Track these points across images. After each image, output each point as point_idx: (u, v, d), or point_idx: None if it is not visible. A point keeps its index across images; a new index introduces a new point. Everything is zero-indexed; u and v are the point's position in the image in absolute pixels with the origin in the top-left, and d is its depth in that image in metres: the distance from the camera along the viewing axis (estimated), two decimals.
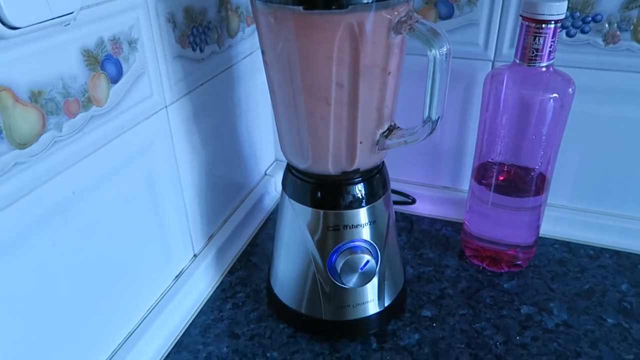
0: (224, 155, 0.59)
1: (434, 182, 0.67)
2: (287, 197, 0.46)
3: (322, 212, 0.44)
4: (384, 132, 0.41)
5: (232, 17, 0.55)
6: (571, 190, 0.60)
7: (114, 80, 0.39)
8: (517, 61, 0.47)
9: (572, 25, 0.51)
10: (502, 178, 0.54)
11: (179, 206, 0.51)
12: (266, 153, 0.71)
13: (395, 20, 0.35)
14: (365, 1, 0.34)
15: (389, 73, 0.38)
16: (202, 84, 0.51)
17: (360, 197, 0.44)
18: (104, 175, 0.39)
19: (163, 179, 0.47)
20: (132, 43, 0.40)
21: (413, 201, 0.67)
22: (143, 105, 0.43)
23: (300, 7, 0.34)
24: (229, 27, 0.55)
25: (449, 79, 0.36)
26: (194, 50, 0.49)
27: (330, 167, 0.42)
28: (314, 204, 0.44)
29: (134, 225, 0.44)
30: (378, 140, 0.41)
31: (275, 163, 0.74)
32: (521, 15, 0.45)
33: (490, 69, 0.57)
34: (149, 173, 0.45)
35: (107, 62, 0.38)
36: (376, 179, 0.45)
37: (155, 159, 0.46)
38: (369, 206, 0.44)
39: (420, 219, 0.66)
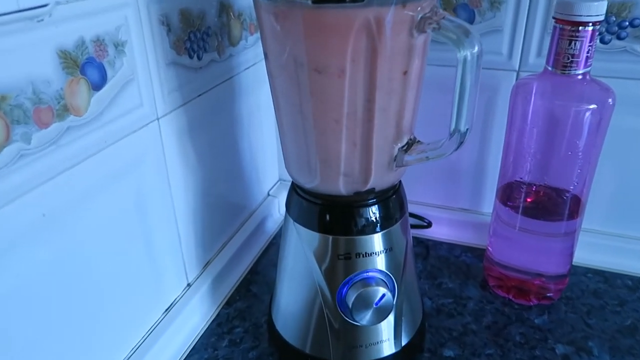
0: (222, 174, 0.54)
1: (451, 203, 0.62)
2: (291, 221, 0.41)
3: (331, 237, 0.38)
4: (402, 147, 0.36)
5: (234, 24, 0.51)
6: (605, 212, 0.55)
7: (97, 86, 0.34)
8: (550, 68, 0.42)
9: (607, 30, 0.47)
10: (530, 200, 0.48)
11: (171, 229, 0.46)
12: (269, 172, 0.66)
13: (419, 17, 0.30)
14: None
15: (410, 79, 0.33)
16: (199, 95, 0.47)
17: (375, 220, 0.38)
18: (83, 194, 0.34)
19: (153, 199, 0.42)
20: (119, 46, 0.36)
21: (429, 224, 0.61)
22: (131, 116, 0.38)
23: (309, 1, 0.29)
24: (231, 35, 0.51)
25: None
26: (190, 57, 0.44)
27: (341, 187, 0.37)
28: (322, 228, 0.38)
29: (119, 252, 0.39)
30: (396, 156, 0.36)
31: (279, 183, 0.69)
32: (554, 18, 0.41)
33: (514, 79, 0.52)
34: (138, 192, 0.40)
35: (88, 65, 0.33)
36: (392, 201, 0.39)
37: (145, 177, 0.41)
38: (384, 231, 0.39)
39: (437, 244, 0.61)
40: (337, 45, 0.31)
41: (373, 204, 0.38)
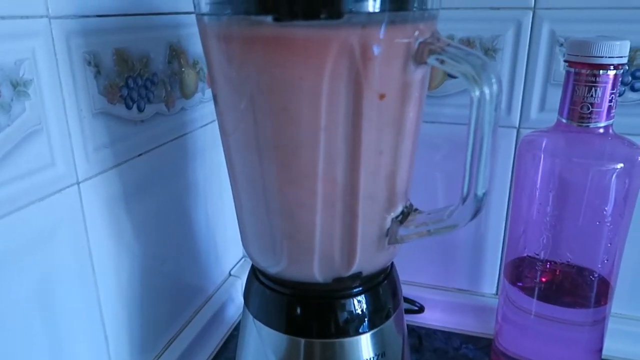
0: (171, 252, 0.44)
1: (445, 283, 0.52)
2: (250, 317, 0.31)
3: (303, 341, 0.28)
4: (397, 217, 0.27)
5: (188, 72, 0.43)
6: (629, 293, 0.46)
7: None
8: (564, 121, 0.35)
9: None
10: (547, 279, 0.39)
11: (93, 327, 0.35)
12: (231, 248, 0.56)
13: (417, 43, 0.23)
14: (372, 8, 0.21)
15: (405, 127, 0.25)
16: (140, 155, 0.38)
17: (362, 316, 0.29)
18: None
19: (66, 289, 0.32)
20: (18, 85, 0.27)
21: (420, 309, 0.52)
22: (36, 178, 0.29)
23: (269, 18, 0.21)
24: (183, 85, 0.43)
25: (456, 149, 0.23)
26: (128, 107, 0.36)
27: (317, 272, 0.28)
28: (291, 328, 0.28)
29: None
30: (389, 230, 0.27)
31: (243, 260, 0.59)
32: (567, 61, 0.34)
33: (514, 138, 0.45)
34: (43, 280, 0.30)
35: None
36: (384, 288, 0.30)
37: (54, 259, 0.31)
38: (374, 331, 0.29)
39: (431, 332, 0.51)
40: (309, 81, 0.23)
41: (359, 294, 0.29)
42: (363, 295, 0.29)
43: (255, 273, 0.31)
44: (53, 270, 0.31)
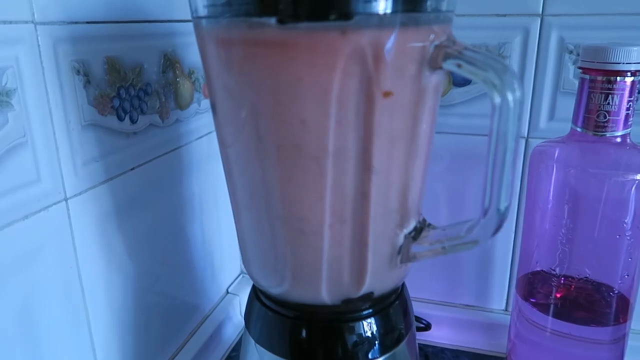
0: (166, 269, 0.41)
1: (452, 299, 0.50)
2: (252, 341, 0.28)
3: None
4: (409, 233, 0.25)
5: (184, 82, 0.41)
6: None
7: None
8: (579, 129, 0.34)
9: None
10: (560, 295, 0.38)
11: (82, 351, 0.32)
12: (228, 264, 0.54)
13: (432, 47, 0.21)
14: (385, 9, 0.20)
15: (419, 138, 0.24)
16: (132, 168, 0.36)
17: (372, 340, 0.27)
18: None
19: (54, 311, 0.30)
20: (1, 95, 0.25)
21: (427, 327, 0.49)
22: (20, 194, 0.27)
23: (272, 20, 0.20)
24: (178, 95, 0.41)
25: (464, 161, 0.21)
26: (120, 119, 0.34)
27: (324, 294, 0.25)
28: (296, 354, 0.26)
29: None
30: (401, 247, 0.25)
31: (241, 277, 0.56)
32: (581, 67, 0.33)
33: (523, 148, 0.43)
34: (27, 303, 0.28)
35: None
36: (395, 309, 0.28)
37: (41, 280, 0.29)
38: (386, 356, 0.27)
39: (438, 351, 0.49)
40: (316, 89, 0.21)
41: (369, 316, 0.27)
42: (374, 318, 0.27)
43: (256, 293, 0.29)
44: (38, 293, 0.28)
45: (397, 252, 0.25)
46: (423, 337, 0.49)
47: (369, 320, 0.27)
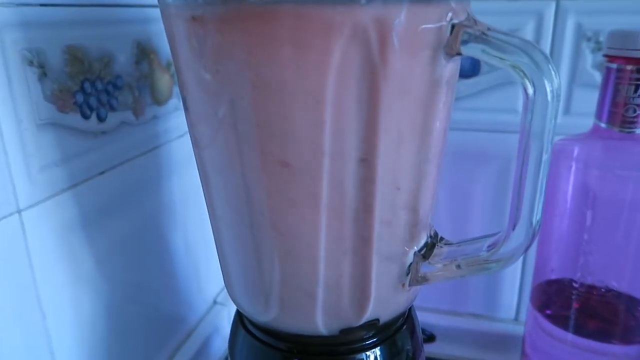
0: (144, 282, 0.37)
1: (458, 308, 0.47)
2: None
3: None
4: (420, 250, 0.22)
5: (160, 74, 0.37)
6: None
7: None
8: (603, 125, 0.30)
9: None
10: (580, 306, 0.34)
11: None
12: (215, 272, 0.50)
13: (449, 29, 0.17)
14: None
15: (431, 137, 0.20)
16: (102, 172, 0.32)
17: None
18: None
19: (6, 344, 0.26)
20: None
21: (431, 338, 0.46)
22: None
23: None
24: (155, 89, 0.37)
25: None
26: (85, 117, 0.30)
27: (320, 323, 0.22)
28: None
29: None
30: (410, 267, 0.22)
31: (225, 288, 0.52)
32: (607, 55, 0.29)
33: None
34: None
35: None
36: (402, 336, 0.24)
37: None
38: None
39: None
40: (308, 80, 0.17)
41: (372, 347, 0.23)
42: (378, 348, 0.23)
43: (241, 319, 0.25)
44: None
45: (405, 273, 0.22)
46: (427, 349, 0.46)
47: (372, 351, 0.23)
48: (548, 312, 0.35)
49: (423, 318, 0.45)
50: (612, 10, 0.35)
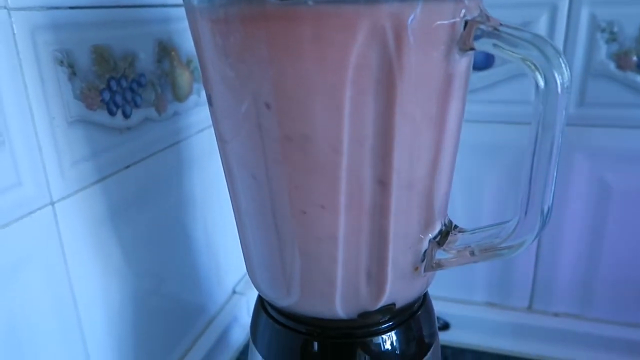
0: (166, 271, 0.39)
1: (472, 296, 0.48)
2: (259, 356, 0.26)
3: None
4: (435, 238, 0.23)
5: (181, 72, 0.38)
6: None
7: None
8: None
9: None
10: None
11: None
12: (233, 262, 0.51)
13: (462, 25, 0.18)
14: None
15: (446, 130, 0.20)
16: (127, 166, 0.33)
17: (393, 357, 0.24)
18: None
19: (41, 327, 0.27)
20: None
21: (445, 326, 0.47)
22: None
23: None
24: (176, 86, 0.38)
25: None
26: (112, 114, 0.31)
27: (339, 307, 0.23)
28: None
29: None
30: (425, 253, 0.22)
31: (247, 275, 0.54)
32: None
33: None
34: (10, 324, 0.25)
35: None
36: (418, 321, 0.25)
37: (26, 295, 0.26)
38: None
39: (457, 352, 0.46)
40: (327, 77, 0.18)
41: (389, 330, 0.24)
42: (394, 332, 0.24)
43: (263, 304, 0.26)
44: (23, 310, 0.26)
45: (420, 260, 0.23)
46: (441, 337, 0.47)
47: (389, 335, 0.24)
48: None
49: (436, 306, 0.46)
50: (627, 1, 0.35)
